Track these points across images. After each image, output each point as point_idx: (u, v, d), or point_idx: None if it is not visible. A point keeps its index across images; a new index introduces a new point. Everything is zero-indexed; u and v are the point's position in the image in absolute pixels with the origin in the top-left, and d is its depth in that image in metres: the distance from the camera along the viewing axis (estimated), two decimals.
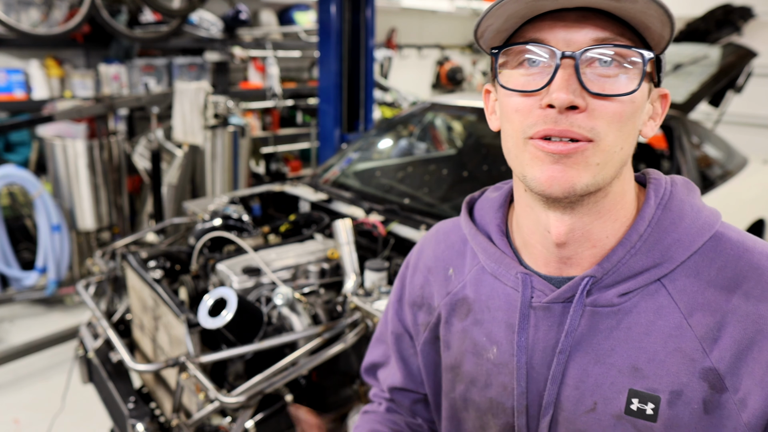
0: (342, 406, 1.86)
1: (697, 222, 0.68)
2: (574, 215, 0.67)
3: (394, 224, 2.20)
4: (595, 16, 0.60)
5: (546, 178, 0.62)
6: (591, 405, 0.69)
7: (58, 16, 4.14)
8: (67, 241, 3.71)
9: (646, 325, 0.66)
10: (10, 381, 3.11)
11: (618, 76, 0.60)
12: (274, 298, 1.74)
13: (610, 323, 0.68)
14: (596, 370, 0.68)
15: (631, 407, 0.66)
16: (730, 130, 5.00)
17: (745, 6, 3.46)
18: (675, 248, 0.66)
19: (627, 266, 0.67)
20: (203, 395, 1.60)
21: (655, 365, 0.65)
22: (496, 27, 0.63)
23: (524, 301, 0.72)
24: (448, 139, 3.41)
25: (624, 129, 0.62)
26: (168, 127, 4.05)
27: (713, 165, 3.16)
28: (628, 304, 0.67)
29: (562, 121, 0.60)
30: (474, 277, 0.79)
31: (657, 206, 0.68)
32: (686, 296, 0.65)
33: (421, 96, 6.71)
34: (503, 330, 0.75)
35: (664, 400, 0.65)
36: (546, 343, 0.71)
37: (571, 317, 0.68)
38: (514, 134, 0.65)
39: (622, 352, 0.67)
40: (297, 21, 5.61)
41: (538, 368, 0.72)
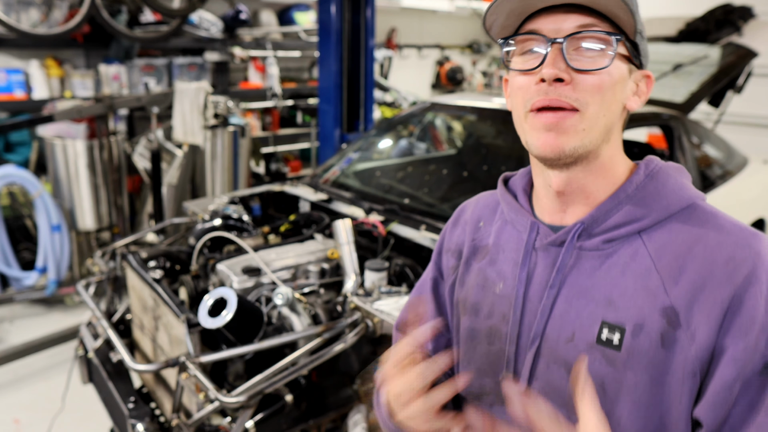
0: (342, 406, 1.86)
1: (679, 192, 0.81)
2: (569, 172, 0.81)
3: (394, 224, 2.20)
4: (577, 10, 0.76)
5: (541, 144, 0.78)
6: (570, 334, 0.81)
7: (58, 16, 4.14)
8: (67, 241, 3.71)
9: (622, 267, 0.79)
10: (10, 381, 3.11)
11: (596, 56, 0.76)
12: (274, 298, 1.74)
13: (594, 264, 0.81)
14: (578, 303, 0.81)
15: (601, 336, 0.78)
16: (730, 130, 5.00)
17: (745, 6, 3.46)
18: (655, 207, 0.80)
19: (613, 219, 0.81)
20: (203, 395, 1.60)
21: (625, 299, 0.77)
22: (500, 23, 0.80)
23: (528, 242, 0.87)
24: (448, 139, 3.41)
25: (605, 99, 0.76)
26: (168, 127, 4.05)
27: (713, 165, 3.16)
28: (610, 250, 0.81)
29: (551, 92, 0.75)
30: (498, 227, 0.94)
31: (645, 176, 0.82)
32: (658, 246, 0.78)
33: (421, 96, 6.72)
34: (510, 267, 0.89)
35: (629, 332, 0.76)
36: (541, 279, 0.85)
37: (563, 256, 0.82)
38: (519, 108, 0.81)
39: (600, 287, 0.80)
40: (297, 21, 5.61)
41: (533, 300, 0.85)
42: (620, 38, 0.76)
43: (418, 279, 1.93)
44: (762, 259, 0.75)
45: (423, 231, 2.15)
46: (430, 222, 2.20)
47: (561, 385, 0.82)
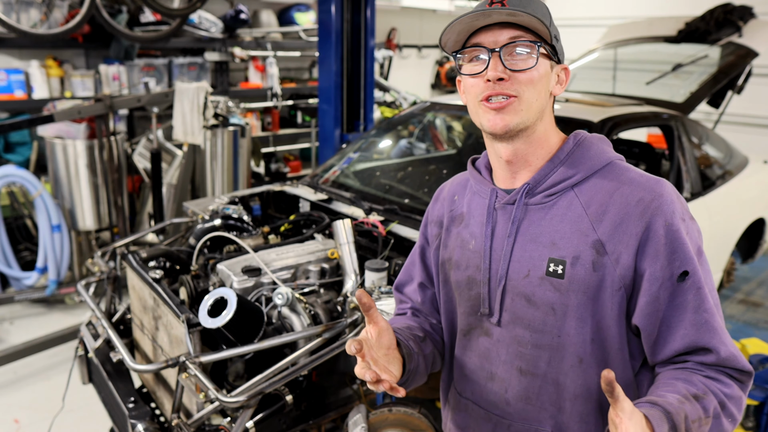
0: (342, 406, 1.86)
1: (601, 155, 1.06)
2: (514, 144, 1.04)
3: (394, 224, 2.20)
4: (508, 26, 0.99)
5: (492, 123, 1.01)
6: (526, 272, 1.04)
7: (58, 16, 4.14)
8: (67, 241, 3.71)
9: (560, 216, 1.03)
10: (10, 381, 3.11)
11: (525, 59, 1.00)
12: (274, 298, 1.74)
13: (540, 215, 1.04)
14: (530, 247, 1.04)
15: (549, 269, 1.02)
16: (730, 130, 5.00)
17: (745, 6, 3.45)
18: (582, 167, 1.04)
19: (551, 178, 1.05)
20: (203, 395, 1.60)
21: (565, 240, 1.01)
22: (453, 40, 1.03)
23: (490, 205, 1.11)
24: (448, 139, 3.41)
25: (536, 88, 1.00)
26: (168, 127, 4.05)
27: (713, 165, 3.16)
28: (550, 203, 1.04)
29: (496, 87, 0.99)
30: (468, 199, 1.18)
31: (574, 144, 1.07)
32: (586, 197, 1.02)
33: (421, 96, 6.72)
34: (479, 227, 1.12)
35: (568, 263, 1.00)
36: (502, 233, 1.08)
37: (514, 211, 1.06)
38: (472, 100, 1.04)
39: (546, 233, 1.03)
40: (297, 21, 5.61)
41: (497, 250, 1.08)
42: (540, 44, 1.00)
43: None
44: (664, 198, 0.98)
45: None
46: None
47: (523, 312, 1.05)
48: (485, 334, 1.11)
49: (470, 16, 0.98)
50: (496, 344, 1.10)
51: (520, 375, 1.07)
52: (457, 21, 0.99)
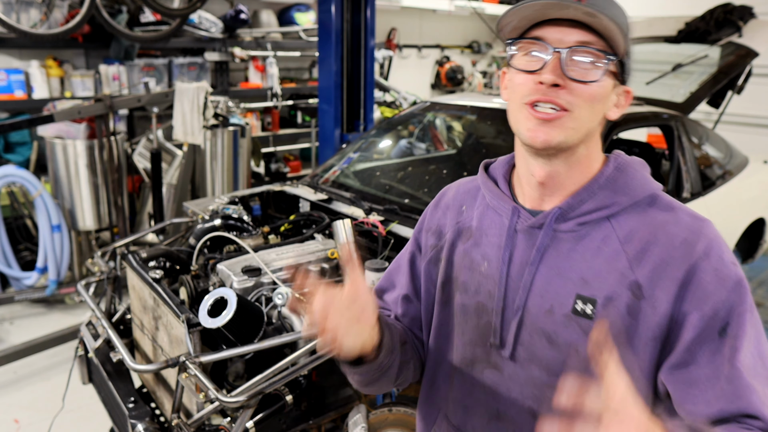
0: (342, 406, 1.86)
1: (643, 184, 0.94)
2: (551, 164, 0.92)
3: (394, 224, 2.20)
4: (581, 26, 0.86)
5: (532, 134, 0.88)
6: (549, 307, 0.92)
7: (58, 16, 4.14)
8: (67, 241, 3.71)
9: (594, 250, 0.91)
10: (10, 381, 3.11)
11: (589, 70, 0.87)
12: (274, 298, 1.74)
13: (569, 246, 0.92)
14: (556, 280, 0.92)
15: (576, 307, 0.90)
16: (730, 130, 5.00)
17: (745, 6, 3.45)
18: (622, 197, 0.92)
19: (586, 205, 0.92)
20: (203, 395, 1.60)
21: (598, 278, 0.89)
22: (513, 25, 0.90)
23: (510, 226, 0.98)
24: (448, 139, 3.41)
25: (593, 107, 0.88)
26: (168, 127, 4.05)
27: (713, 165, 3.16)
28: (583, 232, 0.92)
29: (548, 93, 0.86)
30: (480, 212, 1.05)
31: (614, 169, 0.95)
32: (624, 231, 0.90)
33: (421, 96, 6.72)
34: (494, 249, 1.00)
35: (600, 303, 0.88)
36: (522, 259, 0.96)
37: (541, 237, 0.93)
38: (516, 99, 0.91)
39: (576, 267, 0.91)
40: (297, 21, 5.61)
41: (515, 278, 0.96)
42: (613, 58, 0.87)
43: None
44: (710, 241, 0.87)
45: None
46: None
47: (542, 353, 0.94)
48: (493, 367, 1.01)
49: (543, 3, 0.84)
50: (507, 381, 0.99)
51: (532, 419, 0.97)
52: (526, 5, 0.85)
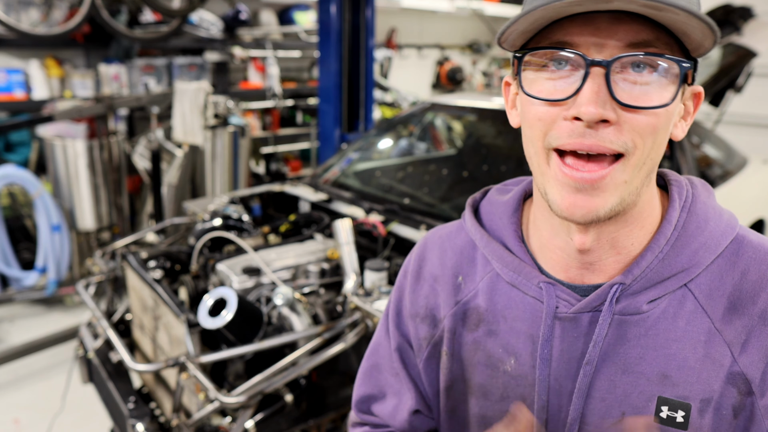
0: (342, 406, 1.86)
1: (720, 225, 0.66)
2: (599, 227, 0.64)
3: (394, 224, 2.20)
4: (629, 19, 0.54)
5: (568, 206, 0.59)
6: (619, 416, 0.66)
7: (58, 16, 4.14)
8: (67, 241, 3.71)
9: (675, 332, 0.64)
10: (10, 381, 3.11)
11: (651, 84, 0.56)
12: (274, 298, 1.74)
13: (639, 331, 0.65)
14: (624, 379, 0.66)
15: (660, 415, 0.64)
16: (730, 130, 5.00)
17: (745, 6, 3.45)
18: (702, 252, 0.64)
19: (655, 272, 0.64)
20: (203, 395, 1.60)
21: (685, 372, 0.63)
22: (521, 29, 0.59)
23: (549, 312, 0.68)
24: (448, 139, 3.41)
25: (656, 140, 0.58)
26: (168, 127, 4.05)
27: (713, 165, 3.16)
28: (656, 311, 0.65)
29: (590, 135, 0.56)
30: (487, 285, 0.74)
31: (681, 209, 0.66)
32: (713, 301, 0.63)
33: (421, 96, 6.71)
34: (522, 341, 0.71)
35: (695, 408, 0.63)
36: (571, 355, 0.68)
37: (600, 327, 0.65)
38: (536, 142, 0.61)
39: (650, 360, 0.64)
40: (297, 21, 5.61)
41: (562, 381, 0.69)
42: (689, 66, 0.57)
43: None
44: None
45: (423, 231, 2.15)
46: (430, 222, 2.20)
47: None
48: None
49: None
50: None
51: None
52: (542, 6, 0.53)
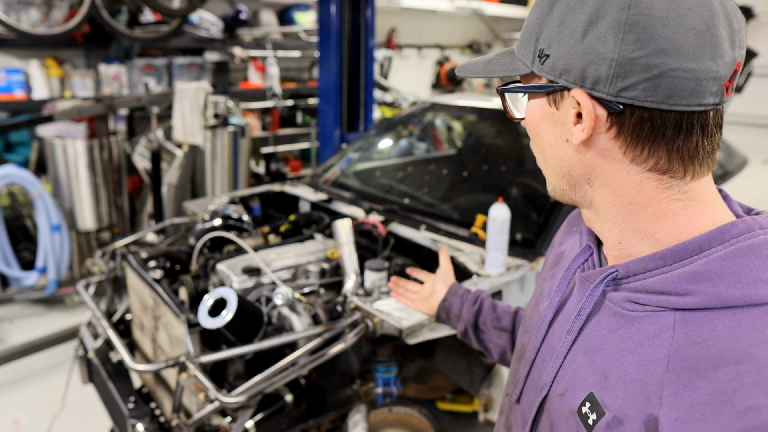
0: (342, 406, 1.86)
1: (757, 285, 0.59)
2: (582, 212, 0.75)
3: (394, 224, 2.20)
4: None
5: None
6: (563, 390, 0.71)
7: (58, 16, 4.14)
8: (67, 241, 3.71)
9: (635, 344, 0.64)
10: (10, 381, 3.11)
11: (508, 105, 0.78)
12: (274, 298, 1.74)
13: (612, 324, 0.68)
14: (581, 359, 0.70)
15: (582, 408, 0.67)
16: (730, 130, 5.00)
17: (745, 6, 3.46)
18: (708, 291, 0.60)
19: (651, 281, 0.64)
20: (203, 395, 1.60)
21: (619, 384, 0.64)
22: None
23: (571, 267, 0.78)
24: (448, 139, 3.41)
25: (535, 143, 0.75)
26: (168, 127, 4.05)
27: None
28: (633, 315, 0.66)
29: None
30: (576, 239, 0.86)
31: (721, 243, 0.62)
32: (685, 341, 0.60)
33: (421, 96, 6.72)
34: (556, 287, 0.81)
35: (605, 420, 0.63)
36: (569, 315, 0.75)
37: (585, 299, 0.70)
38: None
39: (605, 355, 0.67)
40: (297, 21, 5.61)
41: (555, 336, 0.77)
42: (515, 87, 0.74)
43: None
44: None
45: (423, 231, 2.16)
46: (430, 222, 2.20)
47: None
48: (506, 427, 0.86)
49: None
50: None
51: None
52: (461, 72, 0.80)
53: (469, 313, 1.25)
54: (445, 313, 1.33)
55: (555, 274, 0.85)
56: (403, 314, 1.60)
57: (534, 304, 0.89)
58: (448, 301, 1.33)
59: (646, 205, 0.67)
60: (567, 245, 0.88)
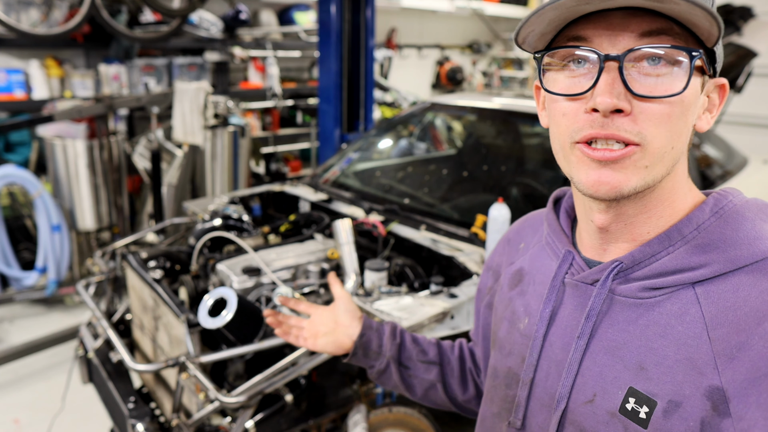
0: (342, 406, 1.86)
1: (755, 241, 0.63)
2: (618, 208, 0.67)
3: (394, 224, 2.20)
4: (641, 13, 0.59)
5: (592, 183, 0.63)
6: (591, 396, 0.68)
7: (58, 16, 4.14)
8: (67, 241, 3.71)
9: (663, 327, 0.64)
10: (10, 381, 3.11)
11: (665, 75, 0.60)
12: (274, 298, 1.74)
13: (629, 316, 0.67)
14: (604, 360, 0.67)
15: (626, 406, 0.65)
16: (730, 130, 5.00)
17: (745, 6, 3.45)
18: (718, 258, 0.63)
19: (660, 263, 0.65)
20: (203, 395, 1.60)
21: (662, 369, 0.63)
22: (539, 31, 0.64)
23: (558, 275, 0.74)
24: (448, 139, 3.41)
25: (674, 129, 0.62)
26: (168, 127, 4.05)
27: (713, 165, 3.16)
28: (651, 301, 0.66)
29: (608, 125, 0.60)
30: (535, 251, 0.83)
31: (712, 214, 0.66)
32: (716, 308, 0.61)
33: (421, 96, 6.72)
34: (537, 303, 0.77)
35: (660, 408, 0.62)
36: (567, 322, 0.72)
37: (594, 299, 0.68)
38: (561, 137, 0.66)
39: (633, 348, 0.65)
40: (297, 21, 5.61)
41: (557, 349, 0.73)
42: (699, 54, 0.59)
43: (417, 279, 1.93)
44: None
45: (423, 231, 2.15)
46: (430, 222, 2.20)
47: None
48: None
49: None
50: None
51: None
52: (550, 5, 0.59)
53: (393, 348, 1.06)
54: (362, 350, 1.07)
55: (524, 291, 0.82)
56: (403, 314, 1.60)
57: (507, 326, 0.83)
58: (366, 336, 1.07)
59: (683, 183, 0.69)
60: (522, 261, 0.85)
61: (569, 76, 0.64)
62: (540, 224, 0.87)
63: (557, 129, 0.67)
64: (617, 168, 0.62)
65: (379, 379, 1.08)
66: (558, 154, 0.69)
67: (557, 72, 0.65)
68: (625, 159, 0.61)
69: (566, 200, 0.82)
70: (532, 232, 0.88)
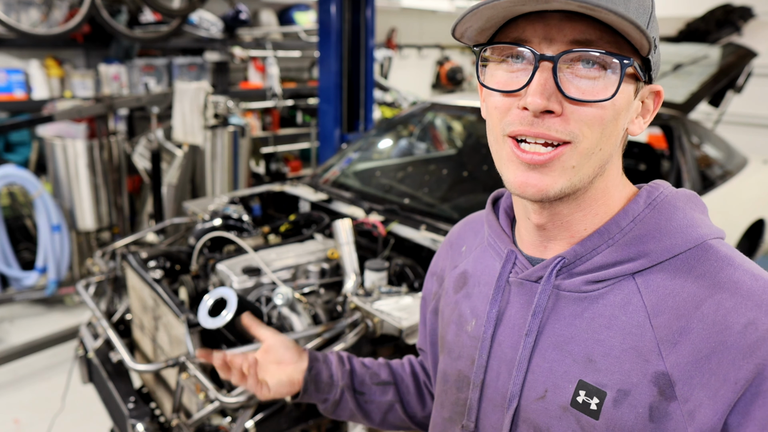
0: None
1: (687, 229, 0.66)
2: (552, 208, 0.69)
3: (394, 224, 2.20)
4: (578, 18, 0.60)
5: (519, 184, 0.65)
6: (542, 392, 0.69)
7: (58, 16, 4.14)
8: (67, 241, 3.71)
9: (608, 318, 0.66)
10: (10, 381, 3.11)
11: (598, 78, 0.61)
12: (274, 298, 1.74)
13: (575, 310, 0.68)
14: (552, 355, 0.69)
15: (577, 399, 0.66)
16: (730, 130, 5.00)
17: (745, 6, 3.45)
18: (655, 248, 0.66)
19: (601, 256, 0.67)
20: (203, 395, 1.60)
21: (609, 360, 0.65)
22: (478, 27, 0.65)
23: (502, 275, 0.75)
24: (448, 139, 3.41)
25: (605, 131, 0.63)
26: (168, 127, 4.05)
27: (713, 165, 3.16)
28: (595, 294, 0.67)
29: (537, 124, 0.61)
30: (478, 253, 0.84)
31: (646, 206, 0.68)
32: (656, 296, 0.64)
33: (421, 96, 6.72)
34: (482, 303, 0.78)
35: (610, 398, 0.64)
36: (514, 321, 0.73)
37: (539, 296, 0.70)
38: (494, 130, 0.68)
39: (580, 341, 0.67)
40: (297, 21, 5.61)
41: (505, 347, 0.74)
42: (630, 62, 0.60)
43: (417, 279, 1.93)
44: None
45: (423, 231, 2.15)
46: (430, 222, 2.20)
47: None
48: None
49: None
50: None
51: None
52: (486, 5, 0.60)
53: (344, 375, 1.02)
54: (314, 384, 1.00)
55: (470, 293, 0.81)
56: (403, 314, 1.60)
57: (455, 329, 0.83)
58: (315, 369, 1.01)
59: (617, 182, 0.71)
60: (466, 264, 0.85)
61: (507, 70, 0.64)
62: (480, 226, 0.87)
63: (491, 121, 0.68)
64: (545, 171, 0.63)
65: (335, 412, 1.03)
66: (491, 147, 0.71)
67: (496, 65, 0.66)
68: (554, 161, 0.63)
69: (504, 200, 0.83)
70: (473, 234, 0.88)
